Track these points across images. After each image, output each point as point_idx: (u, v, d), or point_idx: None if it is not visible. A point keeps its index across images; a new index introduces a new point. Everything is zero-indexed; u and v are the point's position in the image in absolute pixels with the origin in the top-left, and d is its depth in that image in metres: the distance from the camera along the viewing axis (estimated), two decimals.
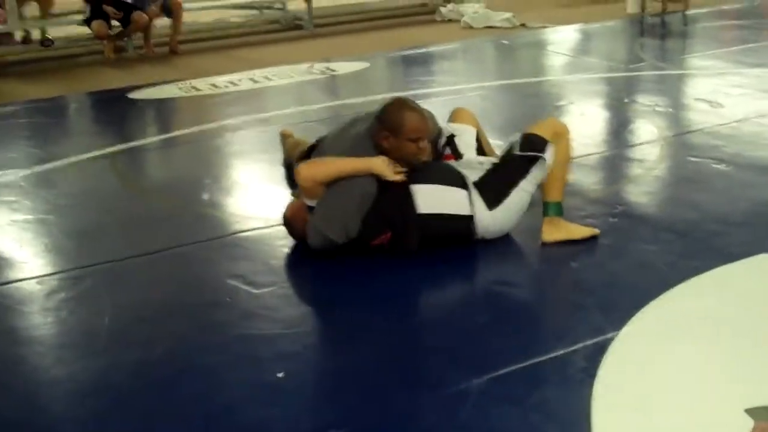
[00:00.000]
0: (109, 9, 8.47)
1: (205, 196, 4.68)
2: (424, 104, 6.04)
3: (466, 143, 4.14)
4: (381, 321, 3.32)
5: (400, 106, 3.82)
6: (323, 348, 3.24)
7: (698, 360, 2.99)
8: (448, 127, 4.22)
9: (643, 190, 4.50)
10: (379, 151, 3.79)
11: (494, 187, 3.81)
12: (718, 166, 4.81)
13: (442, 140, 4.14)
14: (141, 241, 4.13)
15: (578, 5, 11.29)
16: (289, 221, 3.95)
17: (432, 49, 8.69)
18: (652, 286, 3.45)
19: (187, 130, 5.95)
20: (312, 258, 3.78)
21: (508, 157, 3.87)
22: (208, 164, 5.29)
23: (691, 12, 10.00)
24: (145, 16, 8.62)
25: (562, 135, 3.92)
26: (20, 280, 3.77)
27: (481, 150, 4.21)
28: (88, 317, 3.41)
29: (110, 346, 3.19)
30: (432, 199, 3.75)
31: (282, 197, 4.58)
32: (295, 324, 3.38)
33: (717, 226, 4.04)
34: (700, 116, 5.76)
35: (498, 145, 4.42)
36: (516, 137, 3.90)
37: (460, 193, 3.78)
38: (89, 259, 3.91)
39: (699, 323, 3.22)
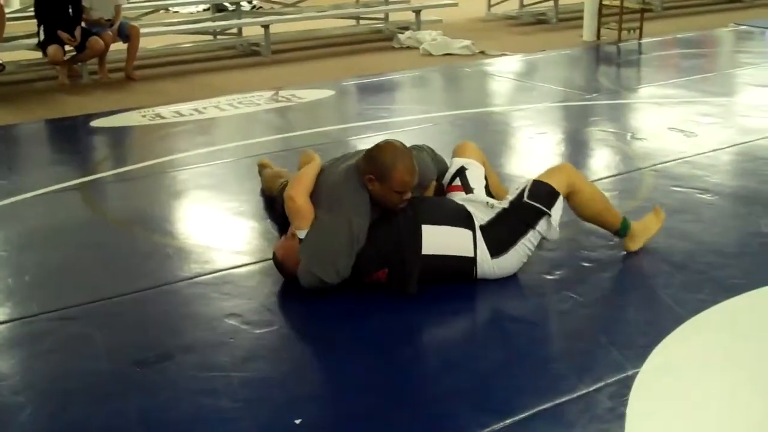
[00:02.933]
0: (63, 35, 8.23)
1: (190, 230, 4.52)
2: (395, 133, 6.10)
3: (477, 178, 4.06)
4: (391, 362, 3.20)
5: (393, 154, 3.63)
6: (335, 391, 3.10)
7: (724, 394, 2.96)
8: (456, 162, 4.13)
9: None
10: (367, 191, 3.68)
11: (500, 236, 3.73)
12: (703, 196, 4.82)
13: (448, 175, 4.06)
14: (127, 278, 3.95)
15: (534, 33, 11.39)
16: (280, 261, 3.81)
17: (395, 76, 8.63)
18: (664, 321, 3.42)
19: (157, 160, 5.77)
20: (306, 295, 3.65)
21: (517, 204, 3.78)
22: (183, 196, 5.12)
23: (645, 40, 10.13)
24: (101, 41, 8.41)
25: (577, 182, 3.88)
26: (2, 322, 3.56)
27: (488, 189, 4.11)
28: (84, 362, 3.23)
29: (113, 391, 3.02)
30: (438, 240, 3.66)
31: (266, 231, 4.47)
32: (301, 365, 3.26)
33: (713, 257, 4.04)
34: (676, 145, 5.79)
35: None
36: (527, 182, 3.84)
37: (466, 234, 3.70)
38: (75, 299, 3.73)
39: (718, 357, 3.20)
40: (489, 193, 4.10)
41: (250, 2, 12.95)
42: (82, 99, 7.94)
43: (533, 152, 5.89)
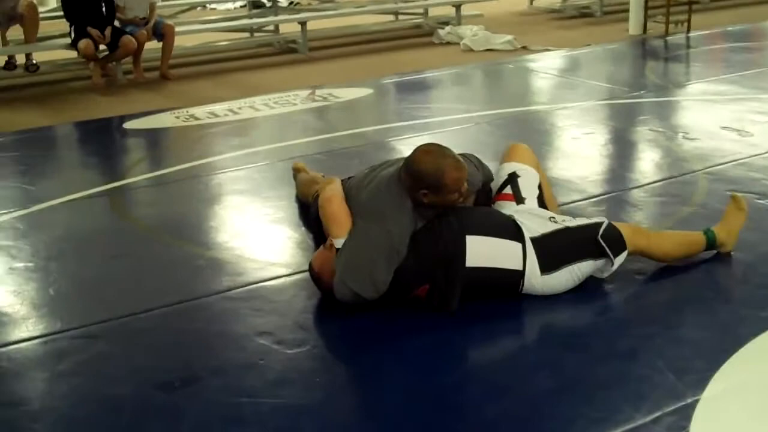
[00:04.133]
0: (93, 31, 8.10)
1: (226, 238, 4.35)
2: (438, 134, 5.89)
3: (530, 186, 3.82)
4: (432, 388, 2.99)
5: (434, 161, 3.44)
6: (371, 420, 2.91)
7: None
8: (507, 166, 3.89)
9: (689, 228, 4.20)
10: (414, 201, 3.48)
11: (555, 252, 3.50)
12: (762, 202, 4.55)
13: (497, 182, 3.83)
14: (154, 291, 3.79)
15: (578, 27, 11.09)
16: (316, 274, 3.61)
17: (435, 73, 8.40)
18: (724, 342, 3.19)
19: (189, 164, 5.60)
20: (343, 312, 3.46)
21: (585, 233, 3.56)
22: (216, 202, 4.96)
23: (693, 34, 9.79)
24: (134, 40, 8.27)
25: (642, 245, 3.68)
26: (25, 340, 3.41)
27: (541, 199, 3.85)
28: (106, 385, 3.07)
29: (135, 420, 2.85)
30: (484, 252, 3.45)
31: (302, 240, 4.28)
32: (335, 391, 3.06)
33: None
34: (731, 146, 5.50)
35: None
36: (602, 219, 3.64)
37: (515, 246, 3.47)
38: (100, 314, 3.56)
39: None
40: (542, 205, 3.84)
41: None
42: (115, 100, 7.82)
43: (579, 154, 5.64)
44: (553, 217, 3.65)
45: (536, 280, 3.47)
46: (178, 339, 3.40)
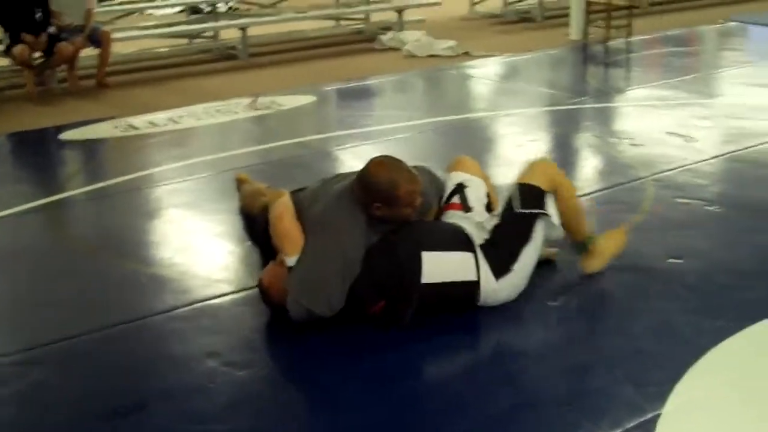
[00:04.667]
0: (27, 37, 7.84)
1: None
2: (382, 143, 5.80)
3: (477, 197, 3.76)
4: (388, 408, 2.90)
5: (387, 174, 3.36)
6: None
7: None
8: (455, 176, 3.82)
9: (641, 238, 4.17)
10: (367, 215, 3.38)
11: (500, 254, 3.46)
12: (710, 208, 4.55)
13: (446, 193, 3.76)
14: (96, 311, 3.64)
15: (519, 32, 11.10)
16: (265, 289, 3.50)
17: (378, 80, 8.31)
18: (682, 352, 3.16)
19: (129, 176, 5.43)
20: (293, 330, 3.36)
21: (509, 217, 3.52)
22: (157, 216, 4.80)
23: (633, 39, 9.86)
24: (70, 47, 8.03)
25: (557, 178, 3.65)
26: None
27: (489, 208, 3.79)
28: (45, 415, 2.91)
29: None
30: (438, 267, 3.37)
31: (246, 255, 4.16)
32: (289, 414, 2.94)
33: (728, 278, 3.77)
34: (676, 152, 5.51)
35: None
36: (512, 190, 3.58)
37: (467, 256, 3.41)
38: (38, 338, 3.41)
39: (746, 393, 2.92)
40: (490, 212, 3.78)
41: (226, 3, 12.58)
42: (50, 109, 7.57)
43: (525, 162, 5.58)
44: (482, 223, 3.61)
45: (492, 287, 3.41)
46: (122, 362, 3.26)
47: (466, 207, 3.73)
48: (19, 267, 4.18)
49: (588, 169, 5.47)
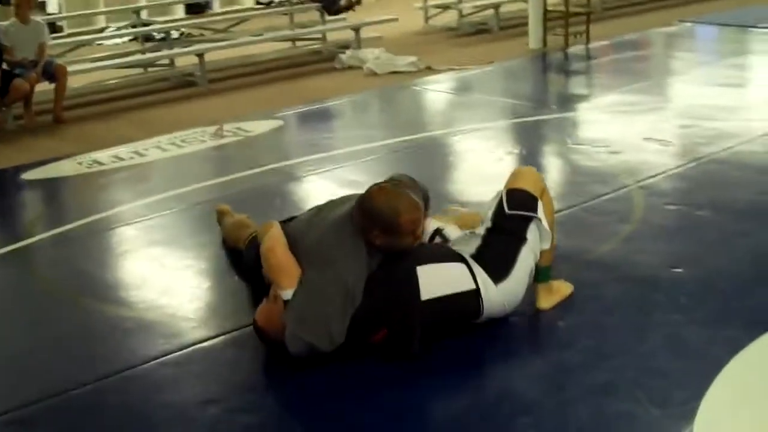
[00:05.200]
0: None
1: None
2: (356, 165, 5.68)
3: (452, 231, 3.67)
4: None
5: (387, 201, 3.24)
6: None
7: None
8: (430, 224, 3.71)
9: (637, 247, 4.12)
10: (368, 244, 3.26)
11: (496, 259, 3.37)
12: (700, 213, 4.51)
13: (426, 237, 3.64)
14: (83, 362, 3.47)
15: (477, 43, 11.05)
16: (262, 330, 3.35)
17: (343, 100, 8.18)
18: (700, 367, 3.08)
19: (99, 215, 5.23)
20: (292, 368, 3.22)
21: (499, 219, 3.43)
22: (134, 256, 4.60)
23: (592, 45, 9.87)
24: (26, 83, 7.80)
25: (543, 191, 3.56)
26: None
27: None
28: None
29: None
30: (435, 280, 3.27)
31: (234, 291, 4.00)
32: None
33: (730, 284, 3.71)
34: (656, 157, 5.47)
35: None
36: (500, 194, 3.49)
37: (461, 267, 3.32)
38: (22, 396, 3.20)
39: None
40: None
41: (177, 29, 12.38)
42: (8, 148, 7.30)
43: (505, 176, 5.48)
44: (469, 232, 3.54)
45: (493, 293, 3.31)
46: (118, 417, 3.08)
47: (446, 242, 3.64)
48: None
49: (571, 179, 5.39)
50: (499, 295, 3.33)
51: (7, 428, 3.03)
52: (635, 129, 6.17)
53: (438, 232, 3.66)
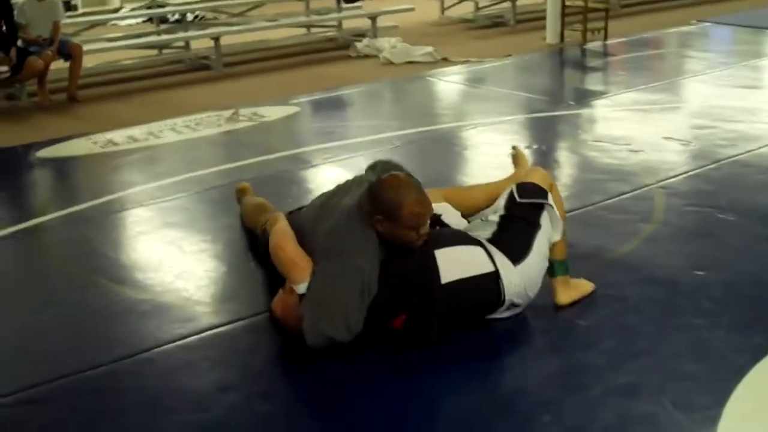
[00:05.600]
0: None
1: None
2: (373, 154, 5.62)
3: (456, 223, 3.60)
4: None
5: (397, 188, 3.19)
6: None
7: None
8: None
9: (659, 249, 4.07)
10: (374, 231, 3.22)
11: (513, 241, 3.36)
12: (723, 216, 4.45)
13: None
14: (98, 344, 3.43)
15: (494, 36, 10.99)
16: (280, 321, 3.32)
17: (360, 88, 8.12)
18: (724, 372, 3.04)
19: (114, 195, 5.20)
20: (310, 357, 3.15)
21: (512, 207, 3.43)
22: (150, 238, 4.56)
23: (610, 41, 9.81)
24: (40, 61, 7.76)
25: (551, 188, 3.54)
26: None
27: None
28: None
29: None
30: (455, 263, 3.24)
31: (251, 275, 3.97)
32: None
33: (754, 289, 3.67)
34: (677, 157, 5.43)
35: None
36: (510, 188, 3.48)
37: (478, 250, 3.30)
38: (36, 376, 3.18)
39: None
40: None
41: (193, 12, 12.32)
42: (22, 126, 7.28)
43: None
44: (483, 218, 3.53)
45: (513, 275, 3.28)
46: (133, 400, 3.04)
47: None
48: (4, 298, 3.94)
49: (590, 177, 5.31)
50: (519, 277, 3.29)
51: (18, 407, 3.00)
52: (655, 128, 6.12)
53: (437, 220, 3.59)
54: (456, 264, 3.25)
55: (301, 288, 3.19)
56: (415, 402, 2.96)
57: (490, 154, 5.74)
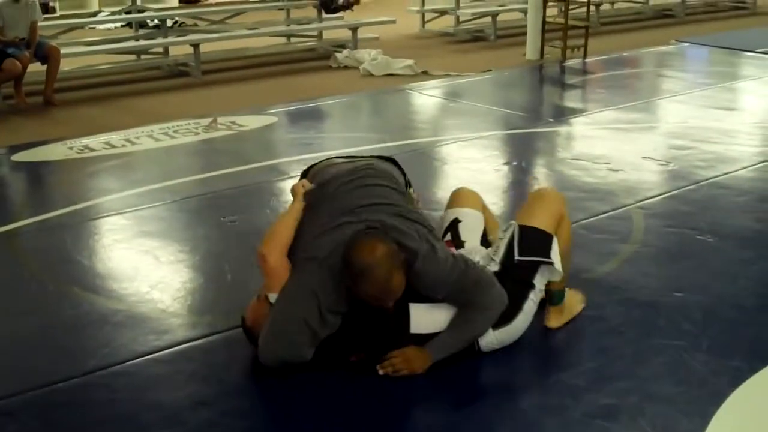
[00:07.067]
0: None
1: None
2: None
3: (471, 229, 3.56)
4: None
5: (361, 264, 2.90)
6: None
7: None
8: (451, 213, 3.63)
9: (639, 270, 4.06)
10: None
11: None
12: (702, 238, 4.45)
13: (440, 230, 3.55)
14: (71, 355, 3.37)
15: (474, 51, 11.01)
16: (249, 329, 3.27)
17: (339, 99, 8.10)
18: (703, 397, 3.02)
19: (90, 202, 5.13)
20: (286, 371, 3.11)
21: (508, 264, 3.28)
22: (126, 247, 4.49)
23: (590, 59, 9.85)
24: (18, 63, 7.66)
25: (563, 217, 3.45)
26: None
27: (485, 239, 3.59)
28: None
29: None
30: (427, 318, 3.17)
31: (228, 288, 3.92)
32: None
33: (734, 312, 3.67)
34: (656, 177, 5.44)
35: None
36: (512, 229, 3.33)
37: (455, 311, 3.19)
38: (11, 386, 3.11)
39: None
40: (486, 243, 3.58)
41: (172, 18, 12.23)
42: None
43: (503, 187, 5.46)
44: (484, 256, 3.36)
45: (491, 336, 3.22)
46: (106, 414, 2.99)
47: (457, 243, 3.51)
48: None
49: (570, 195, 5.24)
50: (496, 339, 3.24)
51: None
52: (633, 147, 6.14)
53: (454, 224, 3.54)
54: (429, 320, 3.16)
55: (273, 297, 3.14)
56: (393, 421, 2.93)
57: (469, 169, 5.72)
